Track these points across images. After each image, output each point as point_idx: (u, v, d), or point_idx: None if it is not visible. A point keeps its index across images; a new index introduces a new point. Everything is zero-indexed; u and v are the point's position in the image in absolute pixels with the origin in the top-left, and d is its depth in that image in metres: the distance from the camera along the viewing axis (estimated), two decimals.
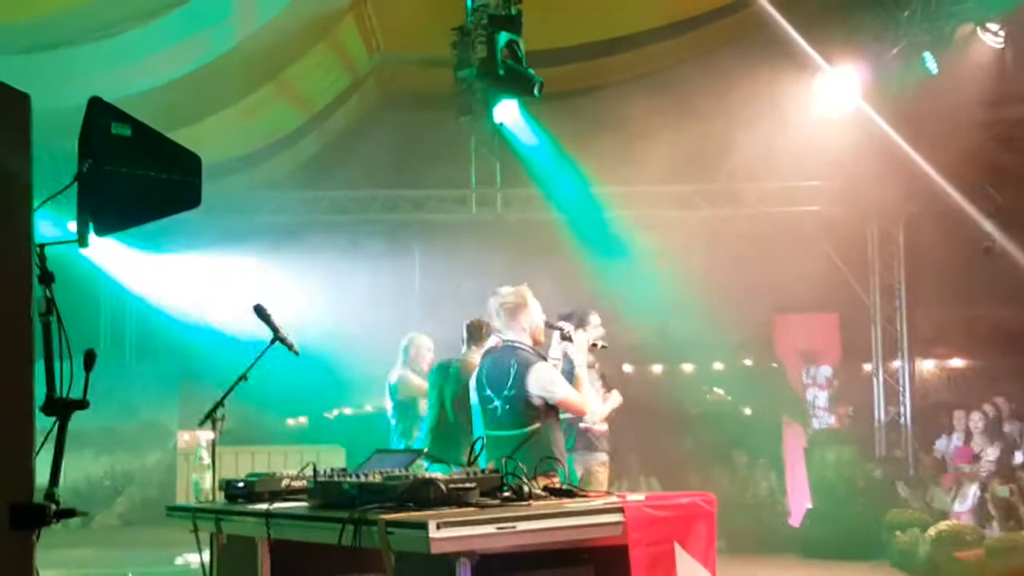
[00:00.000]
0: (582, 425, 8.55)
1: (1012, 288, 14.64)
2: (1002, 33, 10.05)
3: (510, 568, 4.21)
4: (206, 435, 5.96)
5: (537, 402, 6.12)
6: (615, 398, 8.62)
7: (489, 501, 4.45)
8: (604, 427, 8.79)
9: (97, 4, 9.60)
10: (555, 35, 11.75)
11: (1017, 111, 12.22)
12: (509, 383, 6.17)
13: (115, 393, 14.88)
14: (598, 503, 4.69)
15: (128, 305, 16.11)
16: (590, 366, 7.15)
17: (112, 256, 14.42)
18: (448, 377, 8.60)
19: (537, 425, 6.10)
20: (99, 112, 3.19)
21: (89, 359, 3.00)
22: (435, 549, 3.95)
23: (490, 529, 4.14)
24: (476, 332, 8.61)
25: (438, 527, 3.96)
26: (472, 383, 6.53)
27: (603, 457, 8.71)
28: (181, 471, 15.23)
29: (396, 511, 4.26)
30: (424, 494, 4.34)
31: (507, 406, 6.16)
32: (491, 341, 7.86)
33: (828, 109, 12.16)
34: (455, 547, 4.02)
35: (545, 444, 5.93)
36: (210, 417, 5.79)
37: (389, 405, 9.27)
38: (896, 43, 11.08)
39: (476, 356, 7.89)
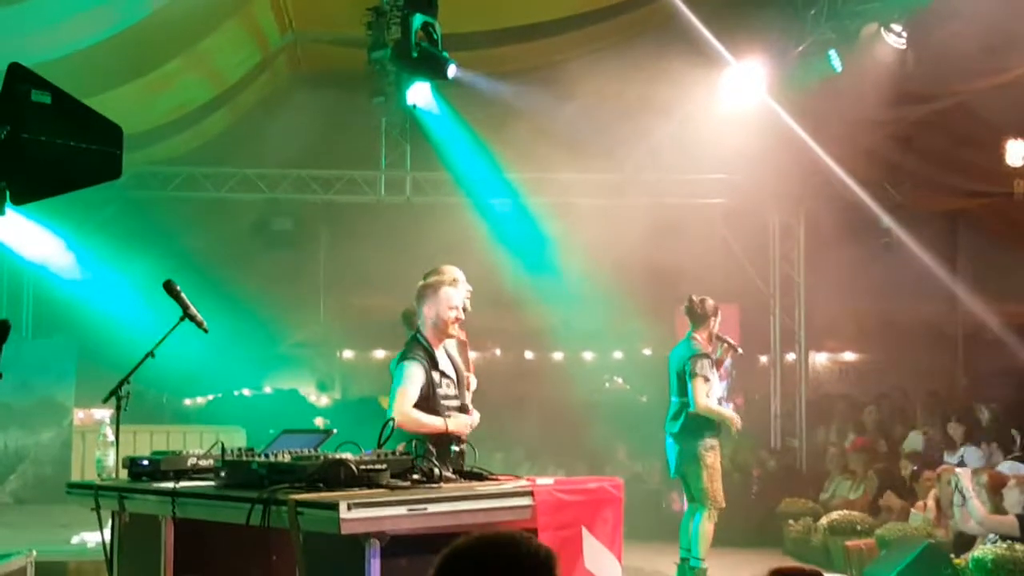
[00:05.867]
0: (691, 410, 8.64)
1: (904, 283, 15.06)
2: (905, 34, 10.25)
3: (419, 550, 4.23)
4: (102, 412, 5.85)
5: None
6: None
7: (400, 483, 4.47)
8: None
9: None
10: (468, 20, 11.73)
11: (916, 111, 12.49)
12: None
13: (9, 368, 14.44)
14: (508, 487, 4.74)
15: (25, 279, 15.72)
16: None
17: (8, 227, 14.02)
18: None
19: None
20: (19, 78, 3.11)
21: (2, 330, 2.95)
22: (345, 529, 3.96)
23: (401, 511, 4.17)
24: (409, 320, 8.43)
25: (349, 508, 3.97)
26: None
27: (710, 441, 8.78)
28: (76, 449, 14.92)
29: (306, 491, 4.26)
30: (335, 475, 4.34)
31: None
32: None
33: (734, 103, 12.30)
34: (365, 528, 4.03)
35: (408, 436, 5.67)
36: (114, 394, 5.69)
37: None
38: (802, 40, 11.23)
39: None
